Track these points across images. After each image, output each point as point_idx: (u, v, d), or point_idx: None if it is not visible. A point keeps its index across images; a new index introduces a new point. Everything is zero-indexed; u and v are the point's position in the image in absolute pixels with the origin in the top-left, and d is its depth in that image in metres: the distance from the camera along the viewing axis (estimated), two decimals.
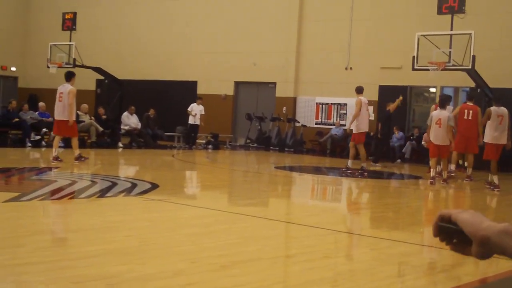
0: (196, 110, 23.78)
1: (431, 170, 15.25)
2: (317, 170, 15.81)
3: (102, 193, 10.21)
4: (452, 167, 16.60)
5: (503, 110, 14.96)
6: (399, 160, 21.76)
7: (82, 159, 15.36)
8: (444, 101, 15.61)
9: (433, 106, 16.52)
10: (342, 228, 8.59)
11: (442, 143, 14.85)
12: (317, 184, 14.27)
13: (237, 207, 10.00)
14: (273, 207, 10.78)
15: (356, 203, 12.12)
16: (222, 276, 5.28)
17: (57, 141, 15.36)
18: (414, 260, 6.71)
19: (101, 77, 27.29)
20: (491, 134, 14.80)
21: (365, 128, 15.86)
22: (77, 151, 15.34)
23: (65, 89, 14.99)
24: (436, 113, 15.16)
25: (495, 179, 14.24)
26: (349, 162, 15.85)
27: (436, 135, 14.91)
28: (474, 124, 15.98)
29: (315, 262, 6.20)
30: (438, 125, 14.86)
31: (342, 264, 6.12)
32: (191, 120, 23.89)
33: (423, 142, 20.01)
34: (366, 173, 15.68)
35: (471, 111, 16.27)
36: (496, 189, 14.03)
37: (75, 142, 15.49)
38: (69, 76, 15.32)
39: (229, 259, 5.87)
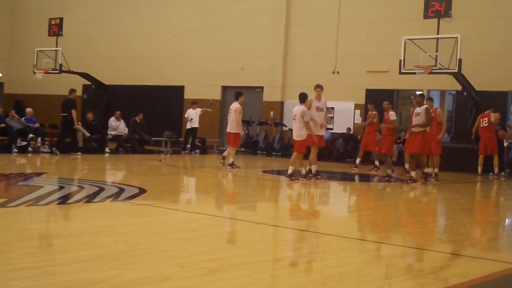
0: (192, 115, 23.76)
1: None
2: (310, 175, 15.80)
3: (90, 199, 10.18)
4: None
5: None
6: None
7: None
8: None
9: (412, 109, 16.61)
10: (330, 231, 8.60)
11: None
12: (304, 187, 14.28)
13: (225, 212, 10.00)
14: (261, 211, 10.78)
15: (344, 206, 12.14)
16: (212, 281, 5.28)
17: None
18: (402, 262, 6.74)
19: (88, 83, 27.24)
20: None
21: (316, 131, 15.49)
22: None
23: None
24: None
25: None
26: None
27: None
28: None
29: (303, 265, 6.22)
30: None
31: (331, 267, 6.13)
32: (188, 125, 23.90)
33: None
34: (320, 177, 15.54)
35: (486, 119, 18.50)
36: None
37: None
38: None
39: (218, 263, 5.87)
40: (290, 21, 26.95)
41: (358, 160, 19.32)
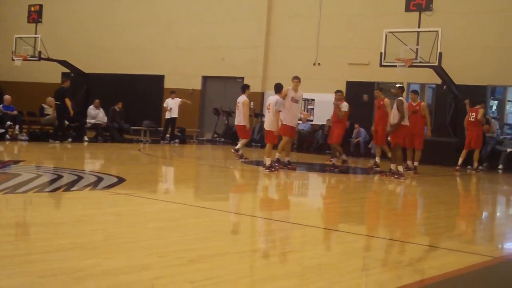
0: (171, 104, 23.69)
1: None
2: (283, 165, 15.83)
3: (68, 187, 10.11)
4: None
5: None
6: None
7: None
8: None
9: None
10: (309, 222, 8.61)
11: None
12: (283, 178, 14.30)
13: (204, 202, 9.98)
14: (241, 202, 10.77)
15: (322, 198, 12.16)
16: (190, 270, 5.26)
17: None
18: (380, 254, 6.76)
19: (67, 70, 27.01)
20: None
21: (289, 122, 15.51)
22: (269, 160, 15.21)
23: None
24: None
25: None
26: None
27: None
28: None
29: (282, 256, 6.22)
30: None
31: (309, 258, 6.13)
32: (167, 115, 23.83)
33: (388, 138, 20.17)
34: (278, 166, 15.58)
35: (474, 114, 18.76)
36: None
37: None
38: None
39: (197, 253, 5.85)
40: (272, 12, 26.92)
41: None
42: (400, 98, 15.41)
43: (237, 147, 17.70)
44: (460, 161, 19.18)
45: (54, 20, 29.93)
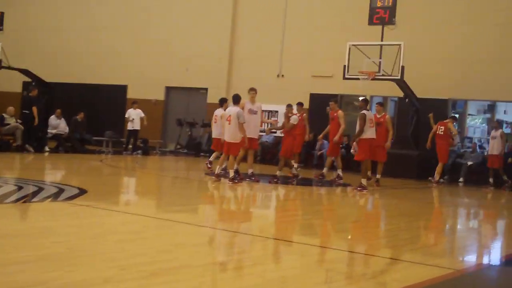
0: (133, 115, 23.52)
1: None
2: (247, 177, 15.83)
3: (28, 198, 9.96)
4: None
5: None
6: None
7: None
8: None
9: None
10: (272, 234, 8.61)
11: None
12: (247, 190, 14.28)
13: (167, 214, 9.90)
14: (203, 214, 10.73)
15: (286, 210, 12.17)
16: (152, 284, 5.21)
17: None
18: (343, 267, 6.78)
19: (28, 79, 26.64)
20: None
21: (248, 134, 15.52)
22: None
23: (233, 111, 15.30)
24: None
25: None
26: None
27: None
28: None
29: (245, 269, 6.19)
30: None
31: (273, 271, 6.12)
32: (129, 126, 23.64)
33: (352, 150, 20.29)
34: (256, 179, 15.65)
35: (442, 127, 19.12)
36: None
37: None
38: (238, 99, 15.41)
39: (159, 266, 5.80)
40: (236, 23, 26.97)
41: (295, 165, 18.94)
42: (363, 111, 15.45)
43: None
44: (437, 177, 19.37)
45: (15, 28, 29.53)
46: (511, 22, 21.72)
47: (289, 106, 16.95)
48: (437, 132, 19.42)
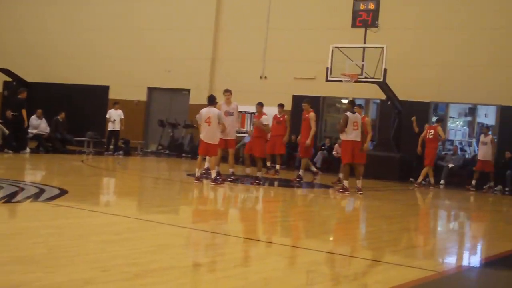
0: (114, 116, 23.40)
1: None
2: (228, 177, 15.81)
3: (9, 199, 9.87)
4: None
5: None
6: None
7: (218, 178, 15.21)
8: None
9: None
10: (255, 236, 8.60)
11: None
12: (229, 192, 14.26)
13: (149, 215, 9.85)
14: (185, 215, 10.69)
15: (268, 211, 12.16)
16: (135, 285, 5.17)
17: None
18: (326, 268, 6.78)
19: (9, 79, 26.48)
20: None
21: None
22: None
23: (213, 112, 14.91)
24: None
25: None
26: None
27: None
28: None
29: (228, 270, 6.17)
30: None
31: (255, 272, 6.10)
32: (110, 127, 23.51)
33: (334, 152, 20.38)
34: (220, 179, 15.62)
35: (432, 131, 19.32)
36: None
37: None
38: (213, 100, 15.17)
39: (141, 267, 5.76)
40: (219, 24, 26.94)
41: (277, 166, 18.93)
42: (347, 113, 15.42)
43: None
44: (431, 179, 19.47)
45: None
46: (492, 27, 21.87)
47: (259, 105, 16.82)
48: (427, 136, 19.54)
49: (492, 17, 22.02)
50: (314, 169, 18.64)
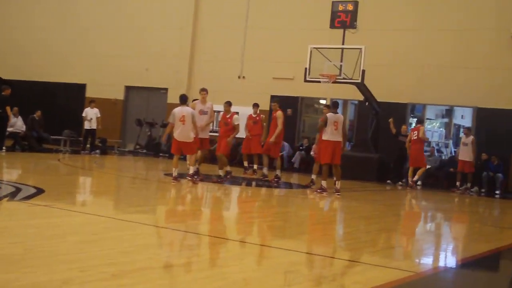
0: (90, 115, 23.24)
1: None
2: (207, 178, 15.79)
3: None
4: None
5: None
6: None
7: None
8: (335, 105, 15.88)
9: None
10: (234, 236, 8.57)
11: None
12: (207, 192, 14.23)
13: (126, 214, 9.78)
14: (163, 215, 10.64)
15: (246, 212, 12.14)
16: (113, 286, 5.12)
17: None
18: (305, 269, 6.78)
19: None
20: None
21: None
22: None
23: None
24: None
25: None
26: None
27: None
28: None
29: (207, 271, 6.14)
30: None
31: (235, 272, 6.08)
32: (86, 125, 23.34)
33: (312, 152, 20.39)
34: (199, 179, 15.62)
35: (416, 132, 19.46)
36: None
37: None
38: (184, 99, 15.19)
39: (119, 268, 5.71)
40: (198, 23, 26.89)
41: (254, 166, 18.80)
42: (327, 114, 15.43)
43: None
44: (410, 180, 19.55)
45: None
46: (469, 29, 22.05)
47: (227, 104, 16.72)
48: (412, 137, 19.64)
49: (466, 19, 22.20)
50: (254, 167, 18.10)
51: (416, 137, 19.53)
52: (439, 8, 22.67)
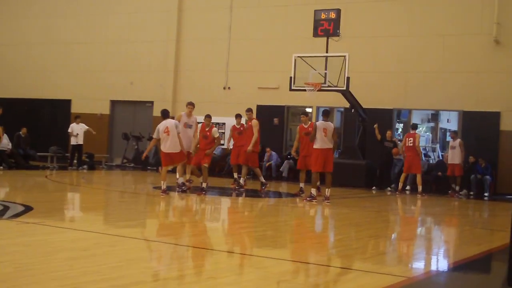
0: (77, 130, 23.15)
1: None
2: (195, 190, 15.75)
3: None
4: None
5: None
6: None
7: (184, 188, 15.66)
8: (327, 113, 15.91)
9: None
10: (226, 248, 8.55)
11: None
12: (196, 203, 14.19)
13: (116, 229, 9.73)
14: (154, 228, 10.60)
15: (237, 222, 12.12)
16: None
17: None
18: (297, 278, 6.77)
19: None
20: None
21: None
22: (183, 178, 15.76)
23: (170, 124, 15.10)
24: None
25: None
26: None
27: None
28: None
29: (200, 283, 6.12)
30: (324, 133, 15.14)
31: (228, 284, 6.06)
32: (73, 141, 23.25)
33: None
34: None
35: (411, 139, 19.37)
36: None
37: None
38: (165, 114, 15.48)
39: (112, 283, 5.68)
40: (181, 36, 26.89)
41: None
42: (317, 122, 15.56)
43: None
44: (400, 185, 19.59)
45: None
46: (452, 34, 22.19)
47: (208, 117, 16.66)
48: (406, 144, 19.66)
49: (450, 24, 22.35)
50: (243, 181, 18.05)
51: (411, 144, 19.54)
52: (422, 14, 22.80)
